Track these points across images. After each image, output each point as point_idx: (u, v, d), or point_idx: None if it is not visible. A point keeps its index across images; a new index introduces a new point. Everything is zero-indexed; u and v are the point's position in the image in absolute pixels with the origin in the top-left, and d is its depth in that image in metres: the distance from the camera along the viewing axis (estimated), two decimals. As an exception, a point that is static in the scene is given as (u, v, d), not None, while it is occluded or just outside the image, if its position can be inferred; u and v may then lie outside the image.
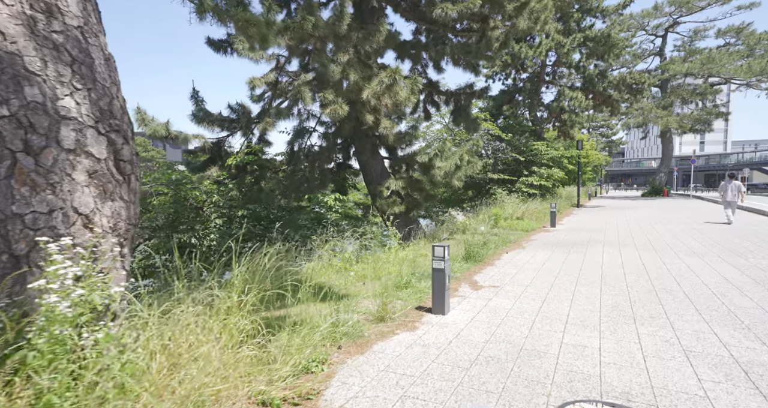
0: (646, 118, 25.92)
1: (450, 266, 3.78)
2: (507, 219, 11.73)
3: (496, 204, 14.65)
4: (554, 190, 17.92)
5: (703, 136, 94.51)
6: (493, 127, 16.35)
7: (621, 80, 17.20)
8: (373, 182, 8.99)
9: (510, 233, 9.69)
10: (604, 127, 61.56)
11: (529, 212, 12.91)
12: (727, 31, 26.64)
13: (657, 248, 7.20)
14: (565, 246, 7.76)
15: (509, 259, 6.47)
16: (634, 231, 9.82)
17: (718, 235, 8.67)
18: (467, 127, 10.64)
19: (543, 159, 16.66)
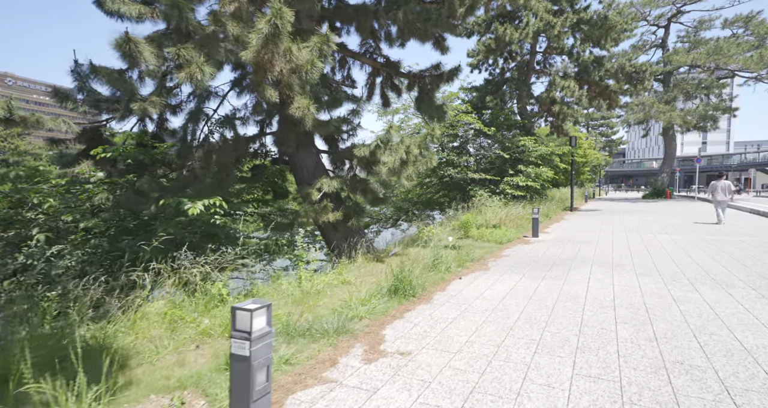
0: (647, 113, 24.24)
1: (272, 346, 1.97)
2: (481, 227, 9.97)
3: (475, 207, 12.92)
4: (544, 192, 16.17)
5: (705, 137, 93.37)
6: (475, 120, 14.59)
7: (620, 69, 15.52)
8: (303, 182, 7.21)
9: (478, 246, 7.92)
10: (604, 125, 60.22)
11: (510, 218, 11.15)
12: (734, 21, 25.01)
13: (662, 271, 5.44)
14: (541, 266, 5.99)
15: (457, 291, 4.69)
16: (632, 243, 8.07)
17: (739, 251, 6.92)
18: (431, 116, 8.91)
19: (531, 156, 14.92)
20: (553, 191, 22.38)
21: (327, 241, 7.61)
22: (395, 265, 5.83)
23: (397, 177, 6.67)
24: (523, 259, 6.66)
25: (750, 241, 7.92)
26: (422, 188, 17.41)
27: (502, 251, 7.49)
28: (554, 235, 9.61)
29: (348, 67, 9.12)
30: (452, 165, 15.70)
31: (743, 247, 7.32)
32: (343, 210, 7.05)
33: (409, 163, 6.44)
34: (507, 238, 8.78)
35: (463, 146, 16.25)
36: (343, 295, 4.39)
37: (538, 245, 8.11)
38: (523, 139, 14.85)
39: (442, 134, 15.44)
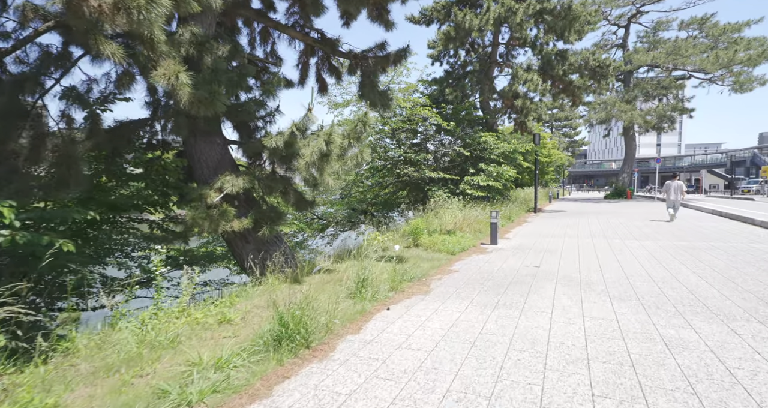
0: (609, 113, 24.27)
1: None
2: (434, 233, 8.80)
3: (432, 210, 11.80)
4: (507, 193, 15.34)
5: (660, 139, 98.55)
6: (434, 114, 13.48)
7: (583, 63, 14.96)
8: (202, 180, 5.70)
9: (426, 258, 6.71)
10: (567, 126, 61.71)
11: (468, 222, 10.07)
12: (690, 23, 25.56)
13: (641, 293, 4.40)
14: (495, 286, 4.82)
15: (377, 332, 3.40)
16: (600, 251, 7.13)
17: (718, 261, 6.08)
18: (373, 102, 7.59)
19: (492, 154, 14.00)
20: (518, 191, 21.81)
21: (235, 255, 6.12)
22: (311, 288, 4.50)
23: (319, 173, 5.32)
24: (476, 275, 5.48)
25: (725, 248, 7.17)
26: (379, 188, 16.15)
27: (453, 264, 6.30)
28: (515, 242, 8.59)
29: (272, 42, 7.65)
30: (410, 163, 14.55)
31: (720, 255, 6.51)
32: (255, 216, 5.61)
33: (331, 156, 5.09)
34: (461, 246, 7.64)
35: (424, 143, 15.14)
36: (205, 347, 2.99)
37: (495, 255, 7.00)
38: (484, 135, 13.90)
39: (401, 129, 14.25)
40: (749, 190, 37.01)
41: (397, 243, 8.41)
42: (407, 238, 8.41)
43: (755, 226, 10.21)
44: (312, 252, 14.44)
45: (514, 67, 15.04)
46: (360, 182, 15.95)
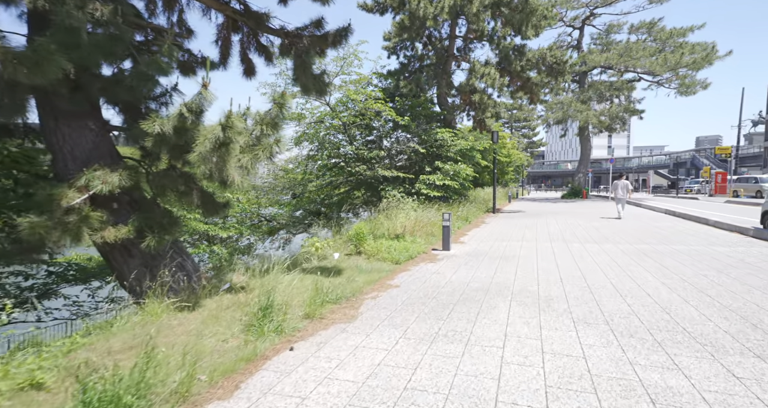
0: (565, 113, 24.59)
1: None
2: (381, 238, 7.87)
3: (383, 211, 10.90)
4: (465, 192, 14.75)
5: (610, 141, 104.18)
6: (387, 108, 12.59)
7: (541, 59, 14.68)
8: (64, 174, 4.40)
9: (364, 269, 5.74)
10: (526, 127, 63.41)
11: (421, 224, 9.25)
12: (639, 27, 26.46)
13: (609, 313, 3.67)
14: (439, 308, 3.93)
15: (262, 391, 2.38)
16: (561, 258, 6.48)
17: (685, 268, 5.57)
18: (306, 87, 6.53)
19: (449, 152, 13.33)
20: (477, 191, 21.46)
21: (114, 272, 4.84)
22: (204, 316, 3.42)
23: (218, 168, 4.19)
24: (418, 292, 4.57)
25: (687, 252, 6.76)
26: (330, 187, 15.06)
27: (395, 277, 5.37)
28: (470, 247, 7.83)
29: (180, 10, 6.39)
30: (363, 161, 13.58)
31: (685, 261, 6.04)
32: (139, 222, 4.39)
33: (231, 145, 3.99)
34: (409, 253, 6.74)
35: (379, 140, 14.23)
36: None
37: (446, 264, 6.15)
38: (440, 131, 13.19)
39: (353, 124, 13.23)
40: (691, 189, 39.36)
41: (339, 250, 7.41)
42: (350, 245, 7.42)
43: (709, 226, 10.14)
44: (257, 258, 13.13)
45: (471, 60, 14.48)
46: (308, 181, 14.78)
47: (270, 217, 16.38)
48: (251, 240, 15.70)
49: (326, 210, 16.13)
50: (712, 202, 21.27)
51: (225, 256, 11.63)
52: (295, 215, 16.20)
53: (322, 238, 10.02)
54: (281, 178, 15.56)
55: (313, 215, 16.18)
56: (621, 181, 13.52)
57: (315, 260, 6.44)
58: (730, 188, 28.02)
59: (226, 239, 14.07)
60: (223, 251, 11.55)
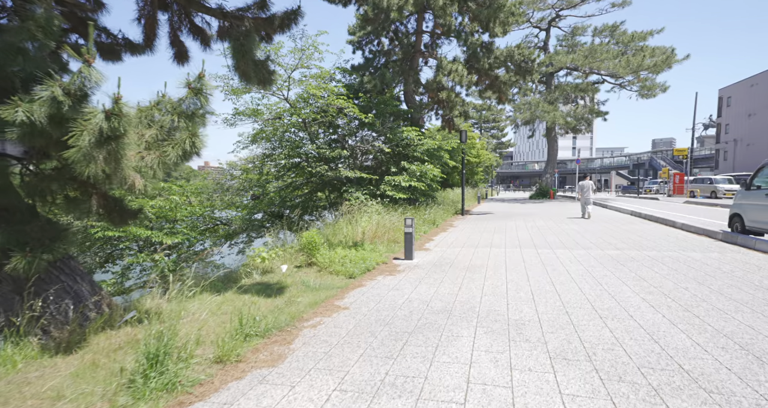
0: (533, 113, 24.71)
1: None
2: (338, 246, 7.11)
3: (344, 215, 10.16)
4: (433, 194, 14.21)
5: (575, 142, 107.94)
6: (350, 104, 11.82)
7: (509, 56, 14.39)
8: None
9: (312, 287, 4.97)
10: (494, 128, 64.35)
11: (384, 229, 8.56)
12: (602, 30, 27.03)
13: (590, 342, 3.10)
14: (391, 338, 3.24)
15: None
16: (531, 268, 5.96)
17: (665, 280, 5.16)
18: (246, 75, 5.67)
19: (416, 151, 12.73)
20: (447, 192, 21.07)
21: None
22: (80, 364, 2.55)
23: (110, 169, 3.30)
24: (369, 316, 3.85)
25: (662, 259, 6.42)
26: (290, 189, 14.12)
27: (345, 295, 4.63)
28: (435, 255, 7.20)
29: (88, -22, 5.38)
30: (324, 160, 12.76)
31: (662, 270, 5.65)
32: (3, 238, 3.43)
33: (122, 140, 3.12)
34: (366, 265, 6.02)
35: (344, 139, 13.44)
36: None
37: (406, 277, 5.48)
38: (406, 129, 12.56)
39: (314, 121, 12.35)
40: (650, 189, 41.01)
41: (289, 261, 6.60)
42: (302, 255, 6.62)
43: (677, 229, 10.04)
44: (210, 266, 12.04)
45: (439, 57, 13.97)
46: (266, 182, 13.79)
47: (227, 220, 15.25)
48: (206, 245, 14.53)
49: (289, 212, 15.19)
50: (672, 203, 21.90)
51: (169, 266, 10.48)
52: (256, 218, 15.18)
53: (281, 243, 9.18)
54: (237, 179, 14.47)
55: (275, 218, 15.20)
56: (586, 182, 14.15)
57: (257, 275, 5.60)
58: (687, 189, 29.18)
59: (177, 245, 12.89)
60: (166, 260, 10.40)
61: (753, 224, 7.21)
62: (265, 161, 13.09)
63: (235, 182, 14.48)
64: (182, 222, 13.45)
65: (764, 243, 6.57)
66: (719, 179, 26.49)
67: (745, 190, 7.50)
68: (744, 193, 7.54)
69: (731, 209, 7.92)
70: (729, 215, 8.01)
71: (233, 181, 14.45)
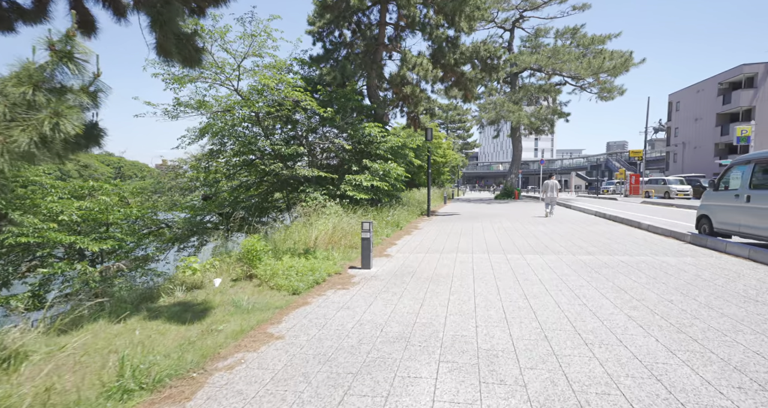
0: (498, 113, 24.71)
1: None
2: (287, 253, 6.23)
3: (299, 218, 9.29)
4: (397, 194, 13.54)
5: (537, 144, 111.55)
6: (308, 97, 10.88)
7: (474, 51, 13.99)
8: None
9: (244, 307, 4.09)
10: (461, 129, 65.00)
11: (342, 233, 7.76)
12: (564, 33, 27.52)
13: (580, 384, 2.46)
14: (328, 383, 2.45)
15: None
16: (501, 278, 5.36)
17: (648, 292, 4.70)
18: (166, 50, 4.72)
19: (379, 149, 12.01)
20: (413, 192, 20.53)
21: None
22: None
23: None
24: (307, 349, 3.05)
25: (637, 265, 6.03)
26: (241, 189, 13.00)
27: (283, 318, 3.80)
28: (396, 262, 6.48)
29: None
30: (280, 158, 11.78)
31: (640, 278, 5.21)
32: None
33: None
34: (315, 277, 5.20)
35: (305, 136, 12.47)
36: None
37: (361, 291, 4.71)
38: (368, 126, 11.80)
39: (268, 115, 11.31)
40: (608, 190, 42.62)
41: (226, 272, 5.66)
42: (242, 265, 5.69)
43: (643, 230, 9.90)
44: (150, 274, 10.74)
45: (403, 50, 13.33)
46: (215, 181, 12.59)
47: (172, 222, 13.85)
48: (148, 251, 13.10)
49: (246, 214, 14.03)
50: (630, 203, 22.49)
51: (94, 277, 9.13)
52: (209, 220, 13.91)
53: (229, 249, 8.17)
54: (183, 177, 13.14)
55: (229, 220, 14.00)
56: (551, 181, 14.34)
57: (180, 292, 4.64)
58: (643, 189, 30.34)
59: (111, 252, 11.46)
60: (91, 270, 9.05)
61: (722, 226, 7.04)
62: (212, 158, 11.91)
63: (181, 181, 13.15)
64: (118, 226, 12.01)
65: (735, 246, 6.35)
66: (672, 180, 27.67)
67: (713, 190, 7.34)
68: (712, 193, 7.38)
69: (699, 210, 7.76)
70: (696, 216, 7.85)
71: (179, 180, 13.11)
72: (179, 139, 11.89)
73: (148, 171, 60.78)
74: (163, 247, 13.31)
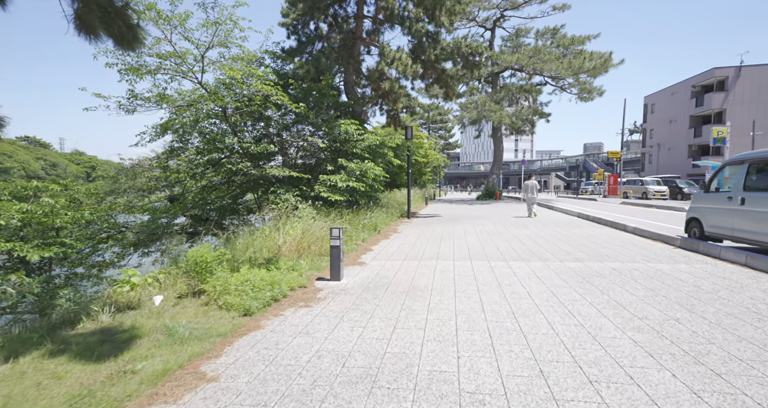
0: (480, 113, 24.41)
1: None
2: (247, 263, 5.51)
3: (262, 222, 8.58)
4: (375, 195, 12.91)
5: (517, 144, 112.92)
6: (276, 91, 10.11)
7: (456, 47, 13.50)
8: None
9: (179, 335, 3.37)
10: (442, 129, 64.96)
11: (310, 241, 7.07)
12: (544, 33, 27.50)
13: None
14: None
15: None
16: (485, 291, 4.80)
17: (653, 310, 4.21)
18: (90, 27, 3.97)
19: (356, 147, 11.34)
20: (394, 192, 19.94)
21: None
22: None
23: None
24: (244, 397, 2.38)
25: (630, 274, 5.58)
26: (208, 190, 12.12)
27: (224, 350, 3.11)
28: (370, 271, 5.85)
29: None
30: (249, 156, 10.98)
31: (637, 290, 4.74)
32: None
33: None
34: (275, 292, 4.51)
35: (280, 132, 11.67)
36: None
37: (325, 310, 4.05)
38: (343, 122, 11.12)
39: (236, 110, 10.49)
40: (586, 190, 43.15)
41: (171, 287, 4.90)
42: (190, 279, 4.94)
43: (629, 233, 9.57)
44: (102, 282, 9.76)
45: (381, 43, 12.72)
46: (176, 181, 11.67)
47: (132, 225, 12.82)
48: (107, 256, 12.12)
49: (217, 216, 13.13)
50: (609, 203, 22.53)
51: (34, 290, 8.15)
52: (178, 223, 12.96)
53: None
54: (142, 177, 12.15)
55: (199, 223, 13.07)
56: (531, 182, 14.49)
57: (105, 315, 3.88)
58: (621, 190, 30.66)
59: (63, 260, 10.42)
60: (28, 281, 8.05)
61: (713, 230, 6.70)
62: (173, 156, 11.00)
63: (141, 181, 12.15)
64: (68, 230, 10.96)
65: (731, 252, 5.99)
66: (649, 181, 28.01)
67: (704, 192, 7.00)
68: (702, 195, 7.05)
69: (688, 213, 7.43)
70: (686, 219, 7.52)
71: (138, 181, 12.10)
72: (138, 135, 10.95)
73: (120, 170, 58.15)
74: (124, 253, 12.29)
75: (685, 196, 26.09)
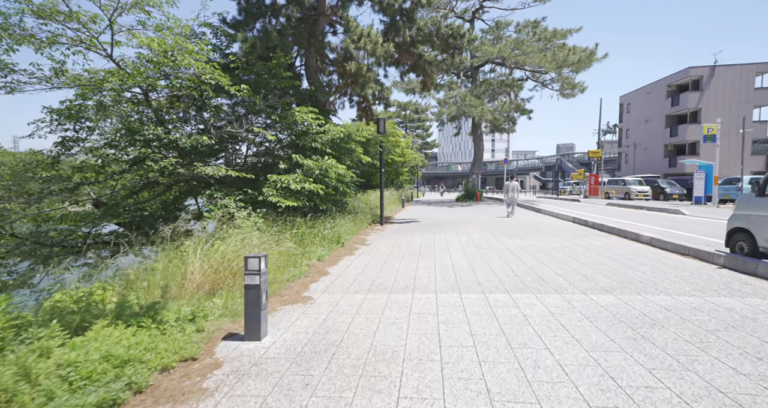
0: (459, 108, 22.85)
1: None
2: (111, 315, 3.46)
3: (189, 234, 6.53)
4: (341, 199, 10.93)
5: (494, 144, 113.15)
6: (207, 68, 7.99)
7: (434, 27, 11.75)
8: None
9: None
10: (420, 128, 63.53)
11: (237, 265, 5.06)
12: (525, 26, 26.27)
13: None
14: None
15: None
16: (489, 355, 2.94)
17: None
18: None
19: (316, 141, 9.35)
20: (368, 194, 18.02)
21: None
22: None
23: None
24: None
25: (689, 315, 3.88)
26: (128, 190, 9.83)
27: None
28: (311, 320, 3.90)
29: None
30: (180, 152, 8.83)
31: (728, 358, 3.02)
32: None
33: None
34: (111, 389, 2.50)
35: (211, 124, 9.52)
36: None
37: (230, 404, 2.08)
38: (300, 110, 9.11)
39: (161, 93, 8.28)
40: (565, 190, 42.54)
41: None
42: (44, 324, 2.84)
43: (645, 244, 7.98)
44: None
45: (347, 17, 10.79)
46: (87, 181, 9.33)
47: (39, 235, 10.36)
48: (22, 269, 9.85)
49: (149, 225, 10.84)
50: (594, 205, 21.39)
51: None
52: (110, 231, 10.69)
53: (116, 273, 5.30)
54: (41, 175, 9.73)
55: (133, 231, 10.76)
56: (511, 183, 14.61)
57: None
58: (602, 190, 29.84)
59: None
60: None
61: (773, 245, 5.15)
62: (65, 151, 8.69)
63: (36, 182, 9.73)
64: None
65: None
66: (632, 181, 27.21)
67: (756, 196, 5.45)
68: (754, 200, 5.49)
69: (731, 222, 5.88)
70: (728, 230, 5.97)
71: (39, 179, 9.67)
72: (33, 124, 8.60)
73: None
74: (37, 269, 9.85)
75: (668, 197, 25.38)
